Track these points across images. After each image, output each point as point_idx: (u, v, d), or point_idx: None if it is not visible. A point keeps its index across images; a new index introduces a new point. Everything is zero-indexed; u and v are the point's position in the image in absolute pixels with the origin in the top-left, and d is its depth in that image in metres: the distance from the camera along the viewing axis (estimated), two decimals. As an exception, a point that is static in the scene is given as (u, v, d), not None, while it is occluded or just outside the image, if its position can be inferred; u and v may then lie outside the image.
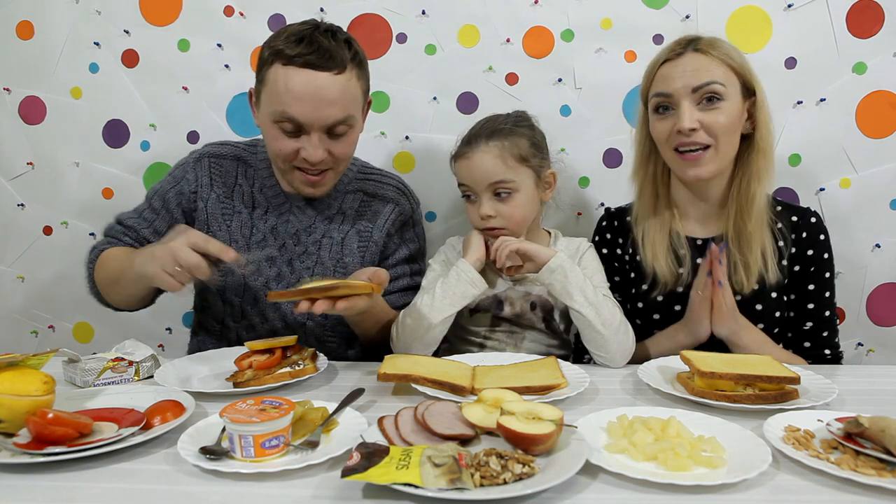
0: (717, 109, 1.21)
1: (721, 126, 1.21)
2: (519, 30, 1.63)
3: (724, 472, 0.76)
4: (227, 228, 1.40)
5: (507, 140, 1.29)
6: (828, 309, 1.32)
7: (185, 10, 1.67)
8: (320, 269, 1.38)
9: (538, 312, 1.34)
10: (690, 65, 1.22)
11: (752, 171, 1.26)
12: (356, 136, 1.31)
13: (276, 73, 1.20)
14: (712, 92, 1.20)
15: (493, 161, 1.27)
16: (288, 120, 1.21)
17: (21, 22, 1.70)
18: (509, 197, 1.29)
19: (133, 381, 1.15)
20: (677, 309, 1.30)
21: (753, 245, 1.26)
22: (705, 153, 1.23)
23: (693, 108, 1.21)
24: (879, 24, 1.55)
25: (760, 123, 1.24)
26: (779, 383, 0.98)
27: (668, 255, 1.31)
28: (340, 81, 1.21)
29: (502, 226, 1.30)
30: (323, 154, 1.25)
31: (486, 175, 1.28)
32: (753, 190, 1.25)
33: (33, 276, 1.81)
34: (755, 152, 1.26)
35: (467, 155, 1.30)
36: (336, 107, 1.21)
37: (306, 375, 1.13)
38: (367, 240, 1.40)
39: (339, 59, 1.20)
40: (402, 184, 1.49)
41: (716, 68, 1.21)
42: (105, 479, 0.78)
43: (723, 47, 1.23)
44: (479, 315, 1.36)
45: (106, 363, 1.13)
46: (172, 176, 1.43)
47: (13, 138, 1.75)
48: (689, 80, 1.21)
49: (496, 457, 0.75)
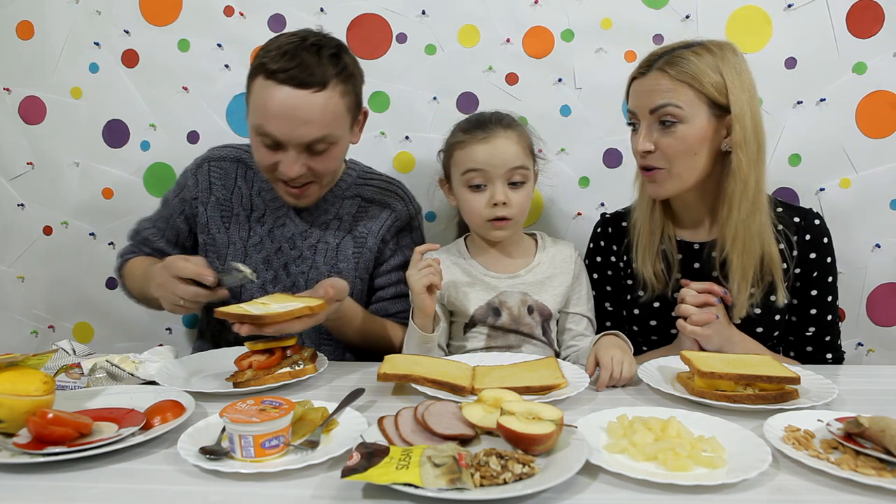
0: (672, 133, 1.18)
1: (674, 150, 1.19)
2: (519, 30, 1.63)
3: (724, 472, 0.76)
4: (225, 231, 1.40)
5: (520, 130, 1.30)
6: (830, 313, 1.31)
7: (185, 10, 1.67)
8: (315, 273, 1.38)
9: (536, 317, 1.32)
10: (650, 84, 1.19)
11: (725, 194, 1.21)
12: (339, 151, 1.29)
13: (258, 86, 1.20)
14: (667, 115, 1.18)
15: (515, 147, 1.26)
16: (266, 135, 1.21)
17: (21, 22, 1.70)
18: (522, 187, 1.28)
19: (84, 389, 1.10)
20: (674, 315, 1.30)
21: (747, 258, 1.21)
22: (659, 173, 1.22)
23: (651, 128, 1.20)
24: (879, 24, 1.55)
25: (735, 143, 1.17)
26: (779, 383, 0.98)
27: (657, 260, 1.30)
28: (319, 100, 1.19)
29: (511, 215, 1.28)
30: (300, 170, 1.24)
31: (508, 159, 1.25)
32: (731, 213, 1.20)
33: (33, 276, 1.81)
34: (727, 175, 1.20)
35: (485, 139, 1.26)
36: (313, 126, 1.20)
37: (306, 375, 1.13)
38: (362, 246, 1.39)
39: (319, 76, 1.18)
40: (402, 189, 1.47)
41: (676, 90, 1.17)
42: (105, 479, 0.78)
43: (687, 66, 1.16)
44: (473, 333, 1.32)
45: (61, 367, 1.13)
46: (177, 183, 1.48)
47: (13, 138, 1.74)
48: (646, 100, 1.20)
49: (496, 457, 0.75)
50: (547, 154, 1.62)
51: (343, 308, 1.24)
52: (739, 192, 1.19)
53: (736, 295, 1.22)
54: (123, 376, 1.12)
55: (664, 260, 1.31)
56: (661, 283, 1.30)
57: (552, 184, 1.56)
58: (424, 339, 1.22)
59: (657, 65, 1.19)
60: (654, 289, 1.30)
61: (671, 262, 1.31)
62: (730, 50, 1.19)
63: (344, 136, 1.28)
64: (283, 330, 1.10)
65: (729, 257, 1.23)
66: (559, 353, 1.36)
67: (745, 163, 1.17)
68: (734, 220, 1.20)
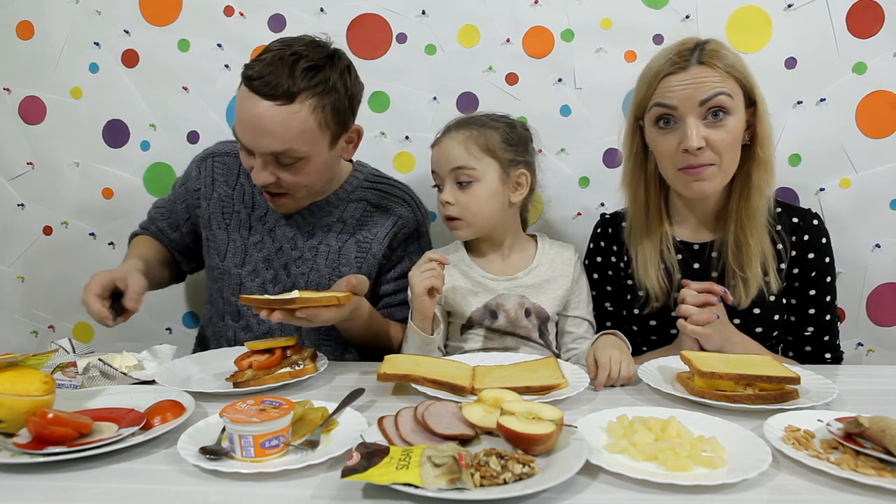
0: (723, 125, 1.16)
1: (726, 144, 1.17)
2: (519, 30, 1.63)
3: (724, 472, 0.76)
4: (225, 228, 1.40)
5: (475, 130, 1.29)
6: (829, 313, 1.31)
7: (185, 10, 1.67)
8: (316, 275, 1.37)
9: (533, 320, 1.32)
10: (696, 77, 1.15)
11: (752, 185, 1.21)
12: (312, 167, 1.25)
13: (240, 89, 1.21)
14: (720, 105, 1.15)
15: (457, 147, 1.28)
16: (238, 139, 1.22)
17: (21, 22, 1.70)
18: (469, 186, 1.28)
19: (82, 388, 1.10)
20: (674, 315, 1.29)
21: (753, 259, 1.22)
22: (709, 170, 1.18)
23: (699, 123, 1.16)
24: (879, 24, 1.55)
25: (761, 135, 1.19)
26: (779, 383, 0.98)
27: (658, 271, 1.29)
28: (282, 113, 1.16)
29: (459, 215, 1.29)
30: (267, 178, 1.23)
31: (449, 160, 1.28)
32: (755, 204, 1.21)
33: (33, 276, 1.81)
34: (755, 165, 1.21)
35: (438, 141, 1.32)
36: (274, 138, 1.18)
37: (306, 375, 1.13)
38: (366, 251, 1.38)
39: (284, 88, 1.16)
40: (409, 194, 1.45)
41: (723, 80, 1.15)
42: (105, 479, 0.78)
43: (727, 57, 1.17)
44: (471, 334, 1.33)
45: (57, 365, 1.13)
46: (186, 171, 1.50)
47: (13, 138, 1.74)
48: (693, 93, 1.15)
49: (496, 457, 0.75)
50: (547, 154, 1.62)
51: (360, 308, 1.25)
52: (764, 184, 1.21)
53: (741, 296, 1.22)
54: (116, 375, 1.12)
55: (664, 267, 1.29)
56: (664, 291, 1.29)
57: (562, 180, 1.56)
58: (425, 341, 1.22)
59: (696, 58, 1.16)
60: (658, 297, 1.29)
61: (671, 270, 1.29)
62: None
63: (317, 152, 1.24)
64: (314, 316, 1.10)
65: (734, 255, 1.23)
66: (559, 356, 1.35)
67: (770, 156, 1.21)
68: (760, 208, 1.22)
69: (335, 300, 1.10)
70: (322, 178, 1.32)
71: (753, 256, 1.22)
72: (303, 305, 1.08)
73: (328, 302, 1.10)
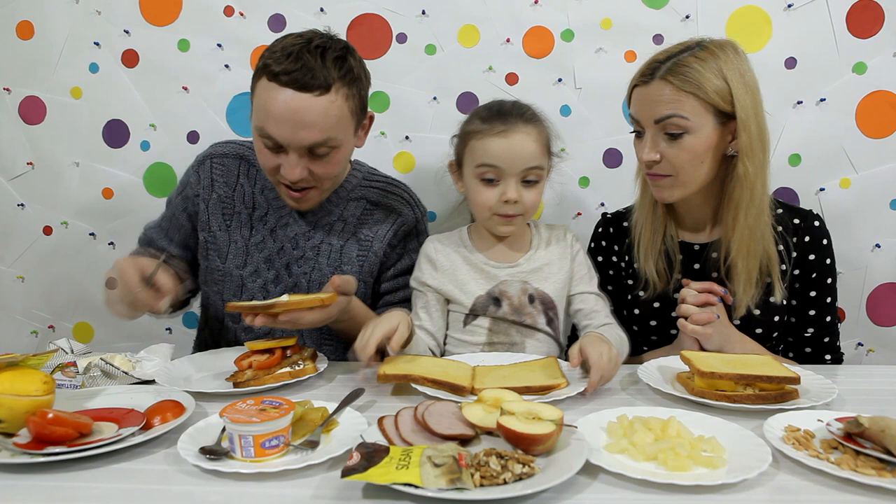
0: (678, 144, 1.17)
1: (681, 160, 1.18)
2: (519, 30, 1.63)
3: (724, 472, 0.76)
4: (226, 229, 1.40)
5: (541, 126, 1.26)
6: (829, 314, 1.31)
7: (185, 10, 1.67)
8: (318, 275, 1.37)
9: (538, 306, 1.30)
10: (654, 94, 1.17)
11: (733, 200, 1.20)
12: (342, 155, 1.27)
13: (261, 88, 1.20)
14: (672, 126, 1.16)
15: (533, 145, 1.21)
16: (268, 137, 1.21)
17: (21, 22, 1.70)
18: (535, 185, 1.25)
19: (82, 388, 1.10)
20: (674, 315, 1.30)
21: (754, 260, 1.22)
22: (665, 180, 1.21)
23: (657, 137, 1.19)
24: (879, 24, 1.55)
25: (741, 151, 1.16)
26: (779, 383, 0.98)
27: (659, 258, 1.30)
28: (322, 103, 1.18)
29: (521, 213, 1.25)
30: (302, 173, 1.23)
31: (525, 158, 1.21)
32: (748, 210, 1.19)
33: (33, 276, 1.81)
34: (733, 181, 1.19)
35: (503, 132, 1.20)
36: (315, 129, 1.19)
37: (306, 375, 1.13)
38: (367, 250, 1.38)
39: (322, 79, 1.17)
40: (407, 192, 1.46)
41: (681, 100, 1.14)
42: (105, 479, 0.78)
43: (691, 75, 1.14)
44: (474, 326, 1.31)
45: (57, 365, 1.13)
46: (180, 182, 1.47)
47: (13, 138, 1.75)
48: (650, 110, 1.17)
49: (496, 457, 0.75)
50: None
51: (353, 308, 1.24)
52: (746, 199, 1.18)
53: (740, 297, 1.22)
54: (118, 374, 1.12)
55: (666, 258, 1.31)
56: (663, 281, 1.30)
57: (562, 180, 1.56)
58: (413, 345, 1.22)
59: (660, 73, 1.16)
60: (656, 287, 1.30)
61: (672, 262, 1.31)
62: (731, 50, 1.18)
63: (347, 140, 1.27)
64: (296, 319, 1.09)
65: (734, 261, 1.22)
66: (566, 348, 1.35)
67: (751, 171, 1.17)
68: (740, 226, 1.20)
69: (319, 301, 1.10)
70: (344, 167, 1.33)
71: (754, 258, 1.22)
72: (284, 309, 1.08)
73: (312, 304, 1.10)
